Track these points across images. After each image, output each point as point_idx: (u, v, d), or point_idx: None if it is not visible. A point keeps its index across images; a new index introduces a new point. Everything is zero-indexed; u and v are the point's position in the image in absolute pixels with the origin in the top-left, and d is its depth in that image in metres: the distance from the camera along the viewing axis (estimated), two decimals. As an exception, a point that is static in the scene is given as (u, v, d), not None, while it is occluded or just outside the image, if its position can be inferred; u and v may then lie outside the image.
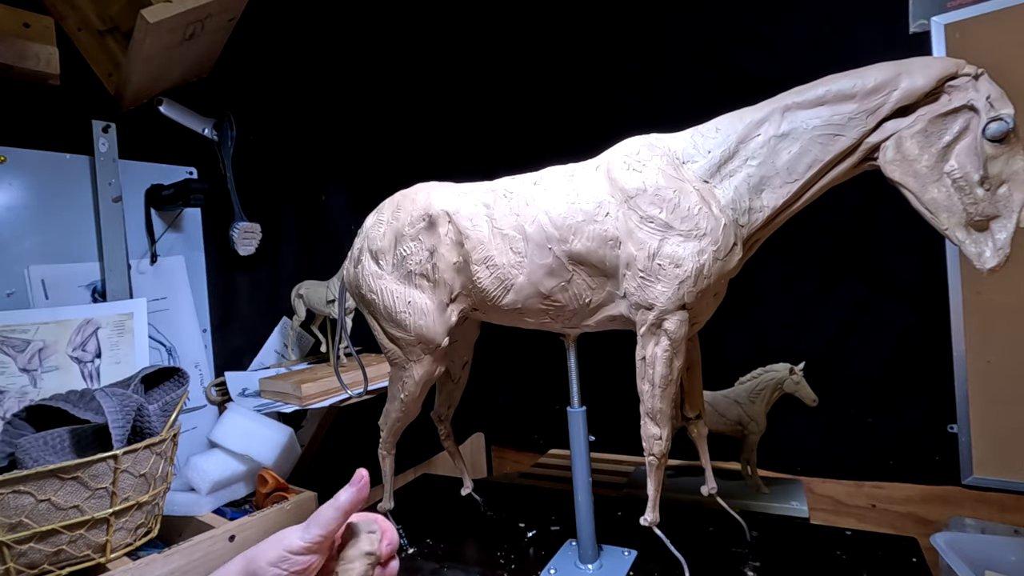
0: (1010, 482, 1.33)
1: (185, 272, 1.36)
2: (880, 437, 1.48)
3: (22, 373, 1.05)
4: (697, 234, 0.78)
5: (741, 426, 1.32)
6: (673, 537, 0.88)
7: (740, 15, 1.59)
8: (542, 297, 0.89)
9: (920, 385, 1.43)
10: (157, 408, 0.95)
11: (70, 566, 0.84)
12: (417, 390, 1.00)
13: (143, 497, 0.91)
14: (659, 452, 0.85)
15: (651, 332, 0.82)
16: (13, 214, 1.10)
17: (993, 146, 0.67)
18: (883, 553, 0.94)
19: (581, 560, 0.96)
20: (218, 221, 1.41)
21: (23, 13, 1.05)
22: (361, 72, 1.79)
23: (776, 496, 1.33)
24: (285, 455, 1.31)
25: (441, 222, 0.93)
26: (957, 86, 0.70)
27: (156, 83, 1.24)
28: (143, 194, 1.28)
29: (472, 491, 1.21)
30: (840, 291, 1.51)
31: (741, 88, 1.39)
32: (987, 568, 0.96)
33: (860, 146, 0.75)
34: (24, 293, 1.10)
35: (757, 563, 0.93)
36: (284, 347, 1.57)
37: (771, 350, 1.42)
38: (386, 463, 1.10)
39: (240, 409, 1.31)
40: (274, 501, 1.17)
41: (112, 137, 1.21)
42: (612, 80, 1.80)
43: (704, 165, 0.82)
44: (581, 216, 0.84)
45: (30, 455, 0.84)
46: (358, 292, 1.02)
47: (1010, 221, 0.68)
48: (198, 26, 1.15)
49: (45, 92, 1.11)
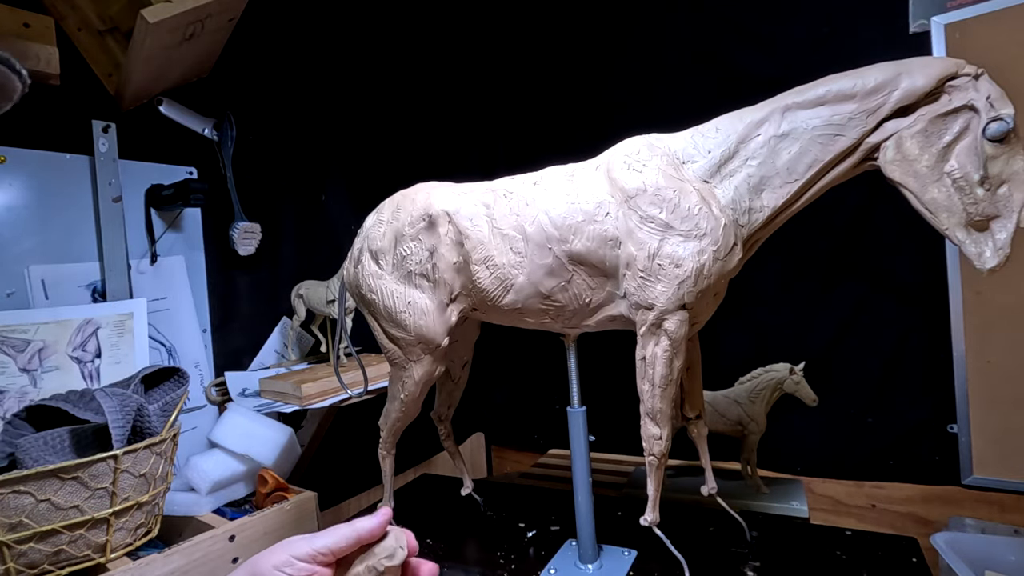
0: (1010, 482, 1.33)
1: (185, 272, 1.36)
2: (880, 437, 1.48)
3: (22, 373, 1.05)
4: (697, 234, 0.78)
5: (741, 426, 1.32)
6: (673, 537, 0.88)
7: (740, 15, 1.59)
8: (542, 297, 0.89)
9: (920, 385, 1.43)
10: (157, 408, 0.95)
11: (70, 566, 0.84)
12: (417, 390, 1.00)
13: (143, 497, 0.91)
14: (659, 452, 0.85)
15: (651, 332, 0.82)
16: (13, 214, 1.10)
17: (993, 146, 0.67)
18: (883, 553, 0.94)
19: (581, 560, 0.96)
20: (218, 221, 1.41)
21: (23, 13, 1.05)
22: (361, 72, 1.79)
23: (776, 496, 1.33)
24: (285, 455, 1.31)
25: (441, 222, 0.93)
26: (957, 86, 0.70)
27: (156, 83, 1.24)
28: (143, 194, 1.28)
29: (472, 491, 1.21)
30: (840, 291, 1.51)
31: (741, 88, 1.39)
32: (987, 568, 0.96)
33: (860, 146, 0.75)
34: (24, 293, 1.10)
35: (757, 563, 0.93)
36: (284, 347, 1.57)
37: (771, 350, 1.42)
38: (386, 463, 1.10)
39: (240, 409, 1.31)
40: (274, 501, 1.17)
41: (112, 137, 1.21)
42: (612, 80, 1.80)
43: (704, 165, 0.82)
44: (581, 216, 0.84)
45: (30, 455, 0.84)
46: (358, 292, 1.02)
47: (1010, 221, 0.68)
48: (198, 26, 1.15)
49: (45, 92, 1.11)
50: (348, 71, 1.75)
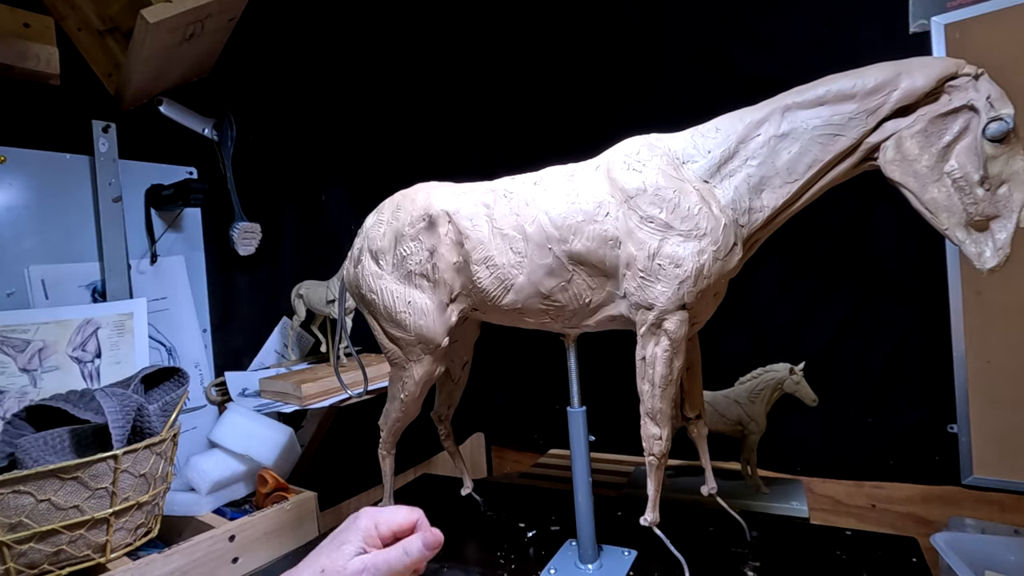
0: (1010, 482, 1.33)
1: (185, 272, 1.36)
2: (880, 437, 1.48)
3: (22, 373, 1.05)
4: (697, 234, 0.78)
5: (741, 426, 1.32)
6: (673, 537, 0.88)
7: (740, 15, 1.58)
8: (542, 297, 0.89)
9: (920, 385, 1.43)
10: (157, 408, 0.95)
11: (70, 566, 0.84)
12: (417, 390, 1.00)
13: (143, 497, 0.91)
14: (659, 452, 0.85)
15: (651, 332, 0.82)
16: (13, 214, 1.10)
17: (993, 146, 0.67)
18: (883, 553, 0.94)
19: (581, 560, 0.96)
20: (218, 221, 1.41)
21: (23, 13, 1.05)
22: (361, 72, 1.79)
23: (776, 496, 1.33)
24: (285, 455, 1.31)
25: (441, 222, 0.93)
26: (957, 86, 0.70)
27: (156, 83, 1.24)
28: (143, 194, 1.28)
29: (472, 491, 1.21)
30: (840, 291, 1.51)
31: (741, 88, 1.39)
32: (987, 568, 0.96)
33: (860, 146, 0.75)
34: (24, 293, 1.10)
35: (757, 563, 0.93)
36: (284, 347, 1.57)
37: (771, 350, 1.42)
38: (386, 463, 1.10)
39: (240, 409, 1.31)
40: (274, 501, 1.17)
41: (112, 137, 1.21)
42: (612, 80, 1.80)
43: (704, 165, 0.82)
44: (581, 216, 0.84)
45: (30, 455, 0.84)
46: (358, 292, 1.02)
47: (1010, 221, 0.68)
48: (198, 26, 1.15)
49: (45, 92, 1.12)
50: (348, 71, 1.75)
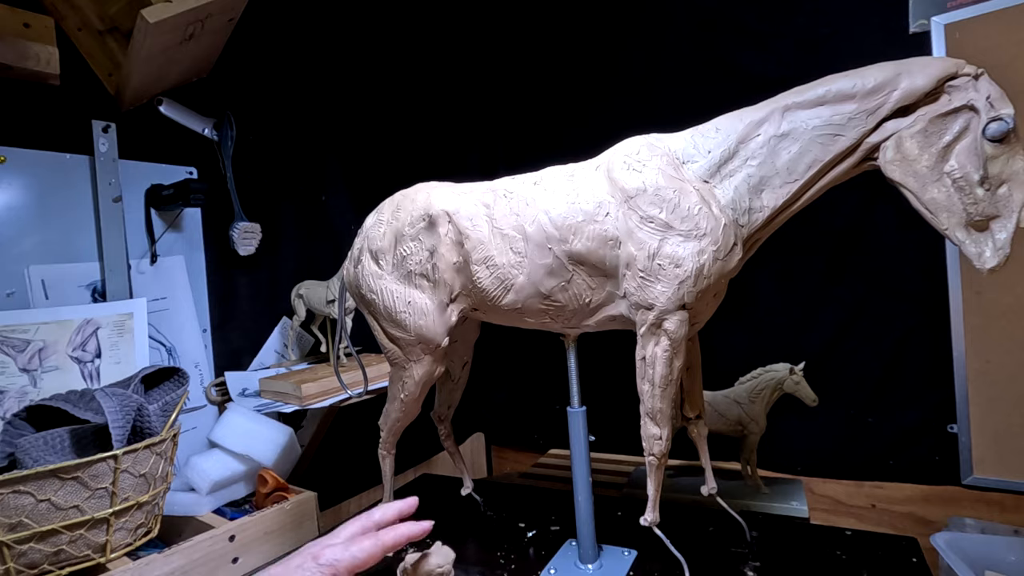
0: (1010, 482, 1.33)
1: (185, 272, 1.36)
2: (880, 437, 1.48)
3: (22, 373, 1.05)
4: (697, 234, 0.78)
5: (741, 426, 1.32)
6: (673, 537, 0.88)
7: (740, 15, 1.58)
8: (542, 297, 0.89)
9: (920, 385, 1.43)
10: (157, 408, 0.95)
11: (70, 566, 0.84)
12: (417, 390, 1.00)
13: (143, 497, 0.91)
14: (659, 452, 0.85)
15: (651, 332, 0.82)
16: (13, 214, 1.10)
17: (993, 146, 0.67)
18: (883, 553, 0.94)
19: (581, 560, 0.96)
20: (218, 221, 1.41)
21: (23, 13, 1.05)
22: (361, 72, 1.79)
23: (776, 496, 1.33)
24: (285, 455, 1.31)
25: (441, 222, 0.93)
26: (957, 86, 0.70)
27: (156, 83, 1.24)
28: (143, 194, 1.28)
29: (472, 491, 1.21)
30: (840, 291, 1.51)
31: (741, 88, 1.38)
32: (987, 568, 0.96)
33: (860, 146, 0.75)
34: (24, 293, 1.10)
35: (757, 563, 0.93)
36: (284, 347, 1.57)
37: (771, 350, 1.42)
38: (386, 463, 1.10)
39: (240, 409, 1.31)
40: (274, 501, 1.17)
41: (112, 137, 1.21)
42: (612, 80, 1.80)
43: (704, 165, 0.82)
44: (581, 216, 0.84)
45: (30, 455, 0.84)
46: (358, 292, 1.02)
47: (1010, 221, 0.68)
48: (198, 26, 1.15)
49: (45, 92, 1.12)
50: (348, 71, 1.75)
